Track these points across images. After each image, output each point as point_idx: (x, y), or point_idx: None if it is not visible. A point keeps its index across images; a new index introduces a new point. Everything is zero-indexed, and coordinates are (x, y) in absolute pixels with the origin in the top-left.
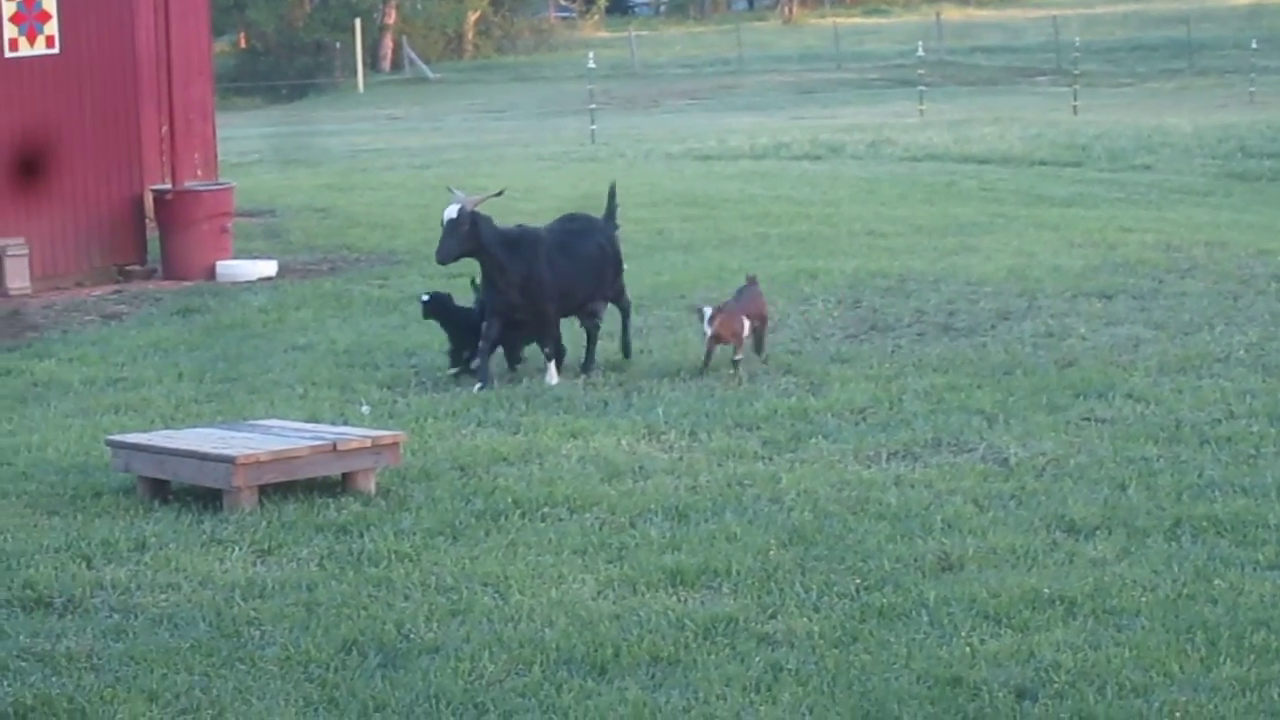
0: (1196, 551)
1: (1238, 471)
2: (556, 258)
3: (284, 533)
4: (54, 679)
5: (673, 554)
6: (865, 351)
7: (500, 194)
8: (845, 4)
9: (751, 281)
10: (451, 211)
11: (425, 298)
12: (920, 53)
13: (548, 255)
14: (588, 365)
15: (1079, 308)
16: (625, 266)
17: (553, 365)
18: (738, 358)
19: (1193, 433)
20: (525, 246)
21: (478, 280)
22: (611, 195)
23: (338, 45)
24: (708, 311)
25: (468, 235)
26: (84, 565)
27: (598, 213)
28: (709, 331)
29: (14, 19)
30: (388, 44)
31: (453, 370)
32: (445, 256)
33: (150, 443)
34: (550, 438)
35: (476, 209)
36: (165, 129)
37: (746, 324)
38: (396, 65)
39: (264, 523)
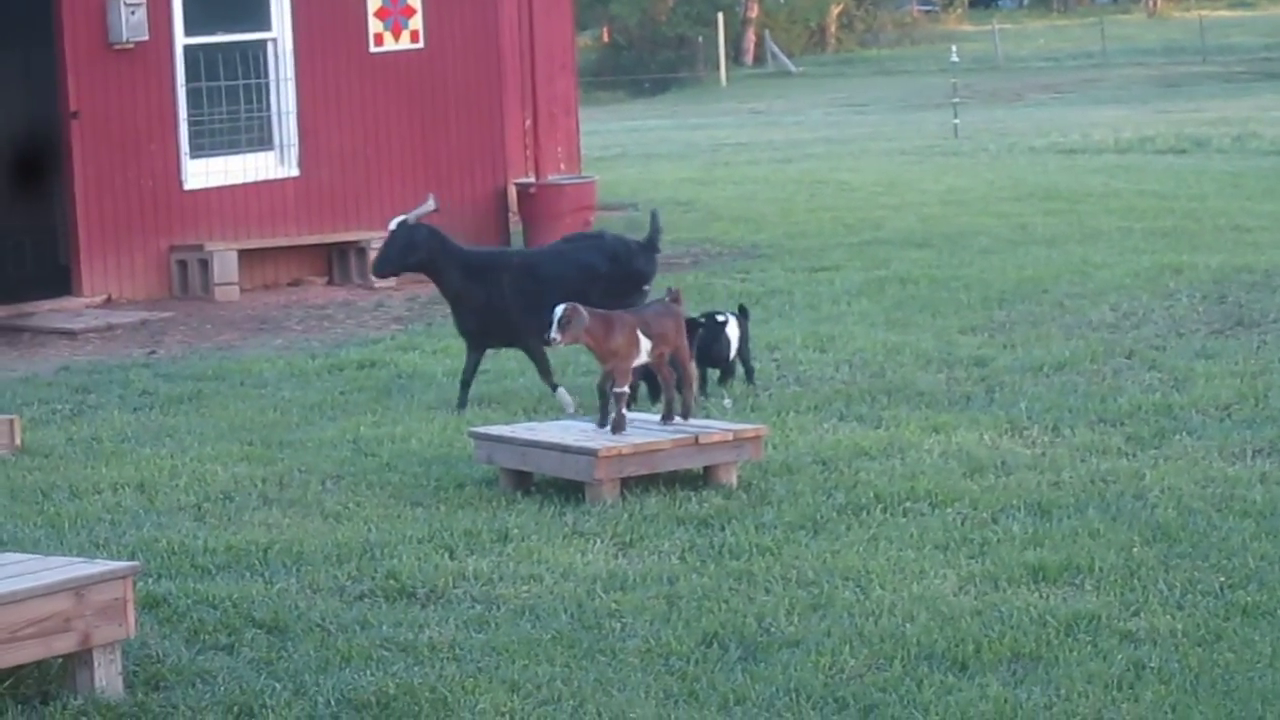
0: None
1: None
2: (525, 283)
3: (645, 525)
4: (416, 668)
5: (1035, 550)
6: (1230, 347)
7: (436, 209)
8: None
9: (673, 298)
10: (393, 224)
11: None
12: None
13: (512, 282)
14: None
15: None
16: (647, 289)
17: (561, 391)
18: (619, 390)
19: None
20: (487, 273)
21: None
22: (654, 218)
23: (700, 39)
24: (558, 312)
25: (407, 249)
26: (447, 556)
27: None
28: (556, 338)
29: (379, 14)
30: (750, 38)
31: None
32: (380, 270)
33: (513, 435)
34: (912, 432)
35: (423, 222)
36: (529, 123)
37: (645, 344)
38: (759, 59)
39: (625, 515)
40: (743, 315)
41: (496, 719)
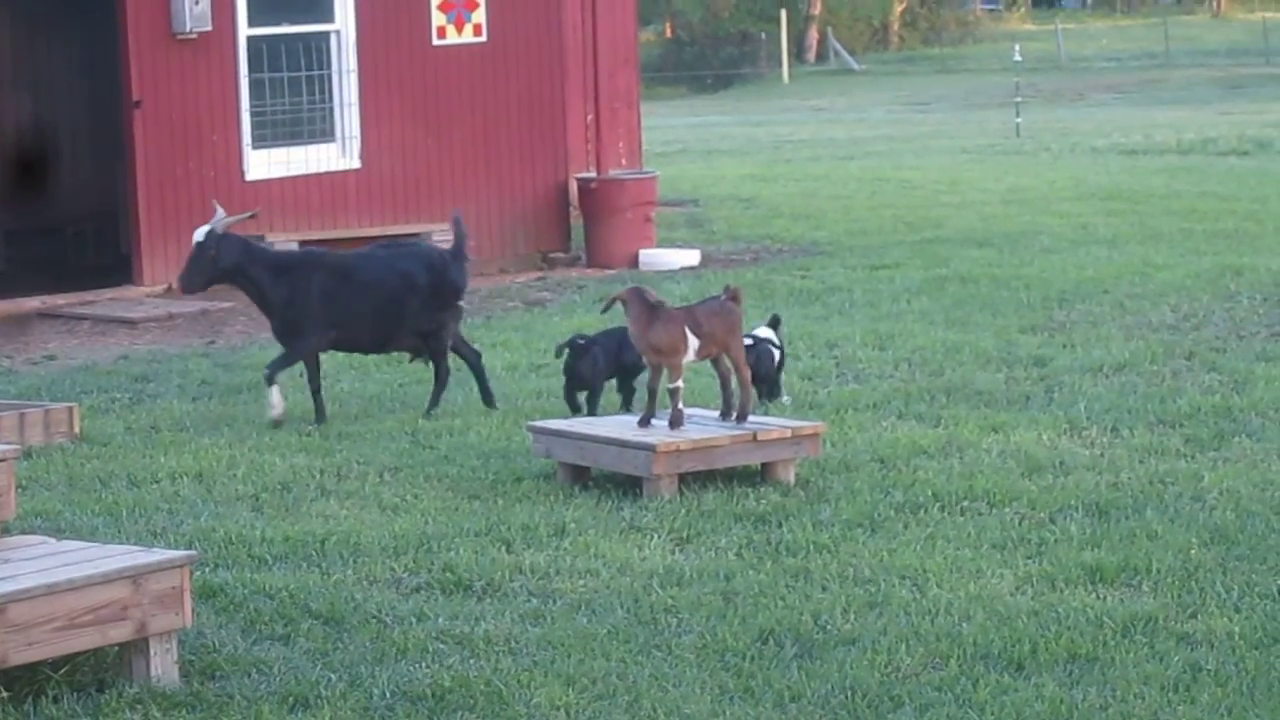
0: None
1: None
2: (334, 287)
3: (703, 521)
4: (472, 661)
5: (1092, 551)
6: None
7: (254, 215)
8: None
9: (730, 296)
10: (199, 235)
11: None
12: None
13: (322, 283)
14: (431, 405)
15: None
16: (462, 304)
17: (273, 391)
18: (673, 385)
19: None
20: (295, 272)
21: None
22: (457, 224)
23: (763, 36)
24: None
25: (215, 260)
26: (503, 549)
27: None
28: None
29: (442, 7)
30: (813, 35)
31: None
32: (189, 286)
33: (571, 429)
34: (971, 431)
35: (230, 231)
36: (590, 118)
37: (693, 343)
38: (821, 56)
39: (683, 511)
40: (774, 325)
41: (552, 713)
